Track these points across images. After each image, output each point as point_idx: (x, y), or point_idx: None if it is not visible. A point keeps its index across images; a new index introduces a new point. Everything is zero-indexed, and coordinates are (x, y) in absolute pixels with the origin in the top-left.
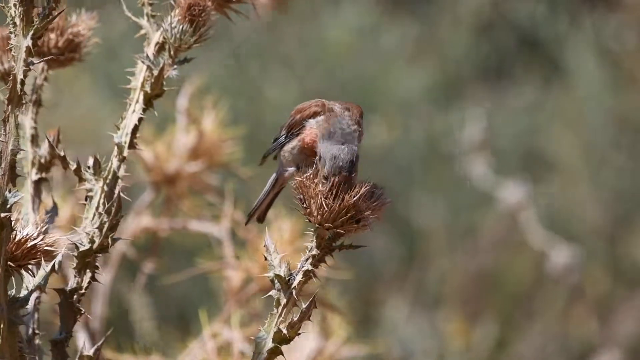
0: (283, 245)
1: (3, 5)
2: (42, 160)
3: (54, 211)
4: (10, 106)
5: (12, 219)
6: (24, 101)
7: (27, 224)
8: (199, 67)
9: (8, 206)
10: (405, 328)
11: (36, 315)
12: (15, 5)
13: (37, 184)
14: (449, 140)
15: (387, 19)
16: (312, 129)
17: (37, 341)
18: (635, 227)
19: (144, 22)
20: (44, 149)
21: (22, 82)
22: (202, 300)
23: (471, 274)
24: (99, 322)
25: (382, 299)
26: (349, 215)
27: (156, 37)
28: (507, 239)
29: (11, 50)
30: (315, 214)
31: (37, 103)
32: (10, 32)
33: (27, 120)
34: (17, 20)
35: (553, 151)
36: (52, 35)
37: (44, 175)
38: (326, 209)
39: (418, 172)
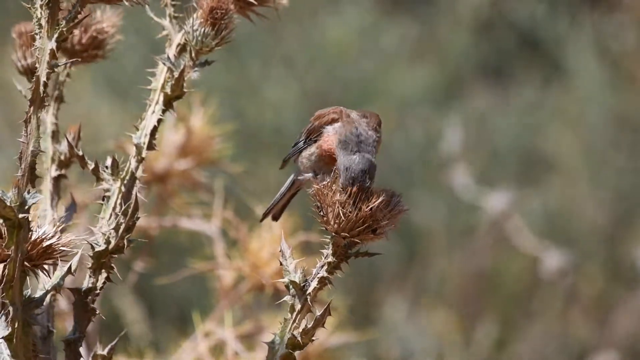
0: (275, 241)
1: (29, 6)
2: (62, 157)
3: (72, 208)
4: (32, 107)
5: (30, 220)
6: (46, 103)
7: (45, 221)
8: None
9: (26, 207)
10: (405, 328)
11: (51, 312)
12: (41, 6)
13: (57, 180)
14: (441, 143)
15: (386, 19)
16: (329, 136)
17: (52, 338)
18: (635, 227)
19: (166, 22)
20: (64, 146)
21: (45, 84)
22: (198, 298)
23: (470, 274)
24: (92, 321)
25: (382, 298)
26: (366, 225)
27: (178, 38)
28: (503, 241)
29: (34, 46)
30: (332, 222)
31: (59, 99)
32: (35, 34)
33: (48, 116)
34: (43, 22)
35: (553, 151)
36: (76, 32)
37: (63, 171)
38: (343, 218)
39: (418, 172)
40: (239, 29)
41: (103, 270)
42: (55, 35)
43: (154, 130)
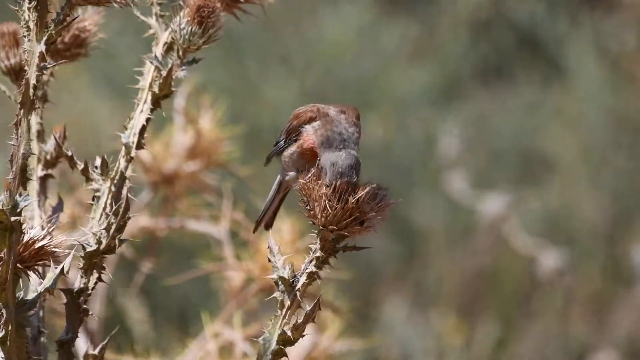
0: (283, 245)
1: (17, 9)
2: (48, 157)
3: (59, 207)
4: (22, 110)
5: (22, 223)
6: (36, 105)
7: (33, 222)
8: (196, 66)
9: (19, 210)
10: (404, 328)
11: (41, 314)
12: (29, 9)
13: (43, 180)
14: (438, 148)
15: (386, 19)
16: (308, 135)
17: (42, 339)
18: (635, 227)
19: (152, 21)
20: (49, 145)
21: (35, 87)
22: (203, 299)
23: (470, 274)
24: (96, 321)
25: (382, 299)
26: (353, 217)
27: (164, 37)
28: (501, 242)
29: (17, 45)
30: (319, 216)
31: (43, 98)
32: (24, 36)
33: (32, 116)
34: (31, 25)
35: (552, 151)
36: None
37: (49, 171)
38: (330, 211)
39: (417, 173)
40: (237, 29)
41: (95, 271)
42: (44, 38)
43: (143, 129)
